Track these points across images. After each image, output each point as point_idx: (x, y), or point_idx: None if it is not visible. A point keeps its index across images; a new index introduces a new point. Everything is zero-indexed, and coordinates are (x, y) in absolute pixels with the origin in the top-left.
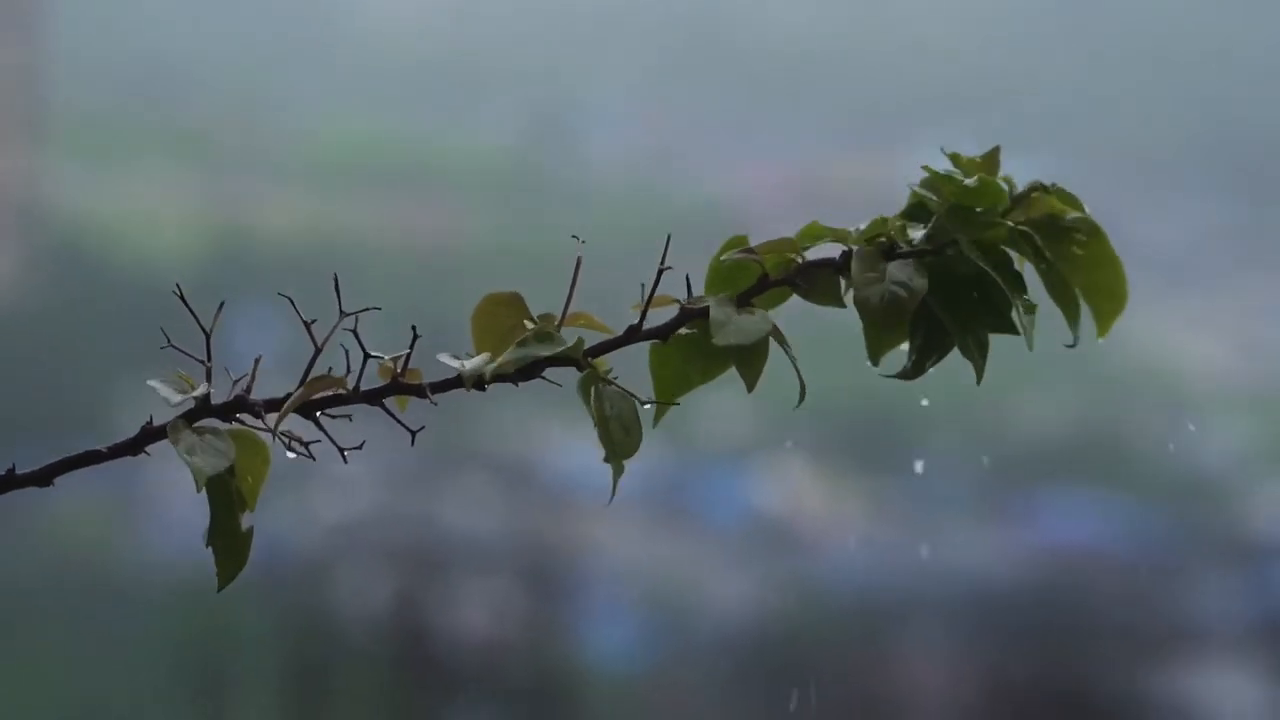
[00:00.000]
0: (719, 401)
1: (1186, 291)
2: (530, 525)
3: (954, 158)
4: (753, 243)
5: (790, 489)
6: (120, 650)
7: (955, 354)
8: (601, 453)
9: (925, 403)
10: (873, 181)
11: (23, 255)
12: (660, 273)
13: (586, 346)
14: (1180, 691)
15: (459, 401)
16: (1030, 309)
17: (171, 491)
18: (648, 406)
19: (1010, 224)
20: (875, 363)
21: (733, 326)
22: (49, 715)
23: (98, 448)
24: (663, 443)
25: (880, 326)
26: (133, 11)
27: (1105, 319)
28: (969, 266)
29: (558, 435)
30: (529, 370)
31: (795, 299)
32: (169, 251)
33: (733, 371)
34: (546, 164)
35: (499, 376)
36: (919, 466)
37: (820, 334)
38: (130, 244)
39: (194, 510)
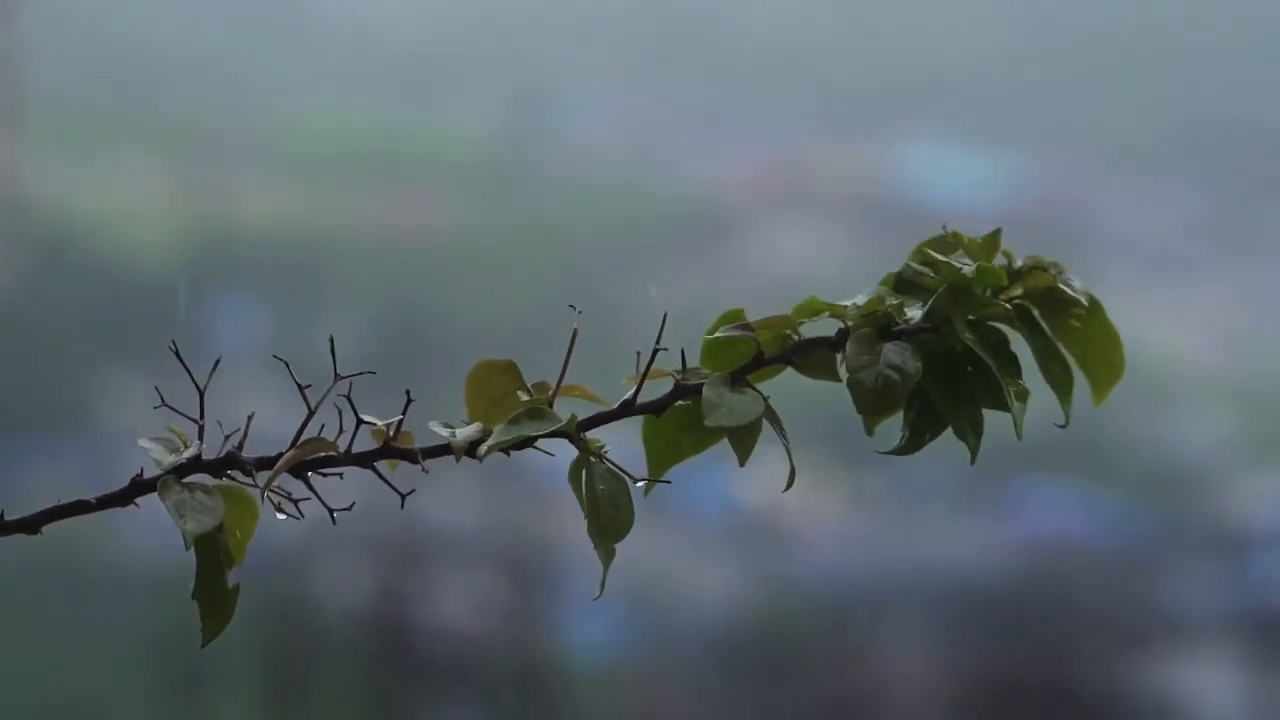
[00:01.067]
0: None
1: (1166, 282)
2: (511, 518)
3: (955, 236)
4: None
5: (771, 484)
6: (100, 644)
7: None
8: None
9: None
10: (855, 173)
11: (0, 245)
12: (655, 352)
13: (580, 419)
14: (1161, 683)
15: (440, 394)
16: (1022, 396)
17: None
18: (639, 485)
19: (1007, 305)
20: (870, 433)
21: (725, 408)
22: (28, 709)
23: (86, 499)
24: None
25: (874, 413)
26: (113, 1)
27: (1102, 387)
28: (966, 345)
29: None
30: (522, 440)
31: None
32: (149, 242)
33: None
34: (527, 155)
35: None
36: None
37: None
38: (110, 235)
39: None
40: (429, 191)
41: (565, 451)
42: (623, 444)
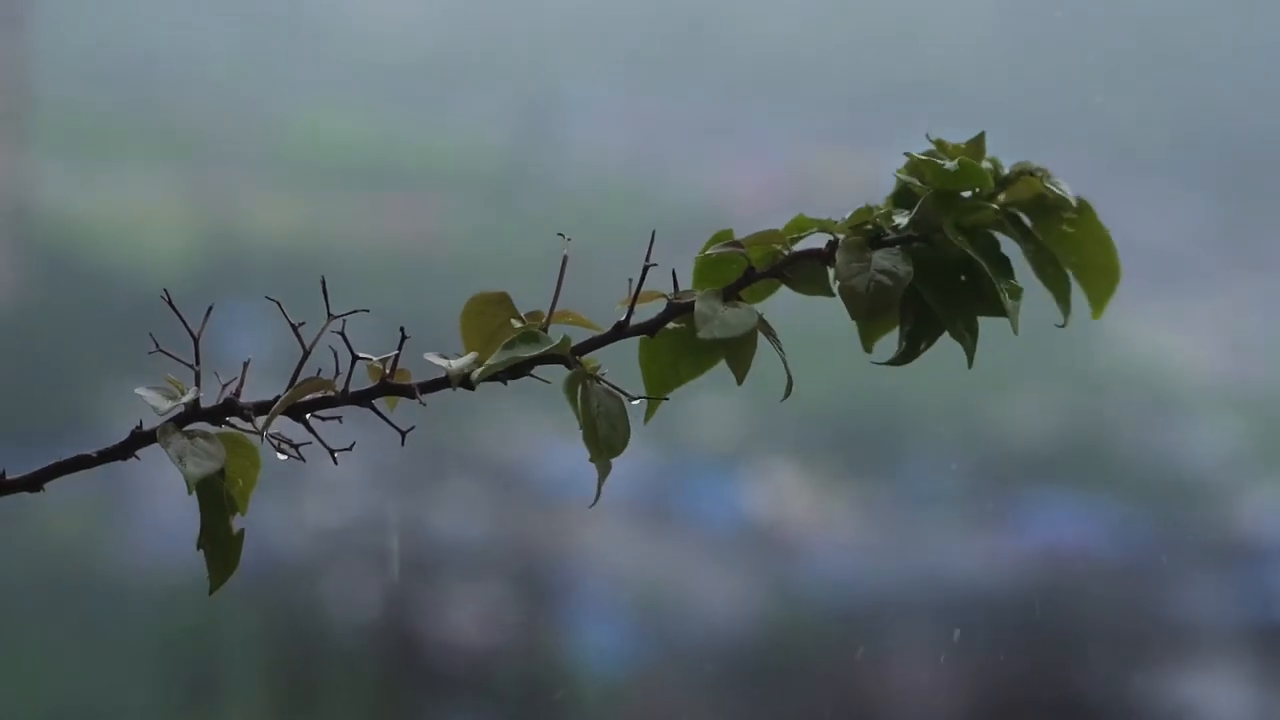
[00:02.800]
0: (707, 405)
1: (1172, 291)
2: (519, 529)
3: (938, 144)
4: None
5: (779, 493)
6: (107, 651)
7: (947, 344)
8: (587, 454)
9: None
10: (859, 179)
11: (6, 255)
12: (646, 269)
13: (574, 344)
14: (1170, 694)
15: (448, 403)
16: (1015, 294)
17: (160, 492)
18: (636, 403)
19: (995, 207)
20: (868, 349)
21: (718, 320)
22: (35, 716)
23: (87, 452)
24: (651, 446)
25: (866, 316)
26: (119, 9)
27: (1100, 297)
28: (956, 251)
29: (547, 438)
30: (517, 370)
31: (783, 295)
32: (155, 251)
33: (724, 372)
34: (532, 162)
35: (487, 376)
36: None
37: (808, 337)
38: (116, 243)
39: (183, 511)
40: (437, 200)
41: (573, 450)
42: (624, 379)
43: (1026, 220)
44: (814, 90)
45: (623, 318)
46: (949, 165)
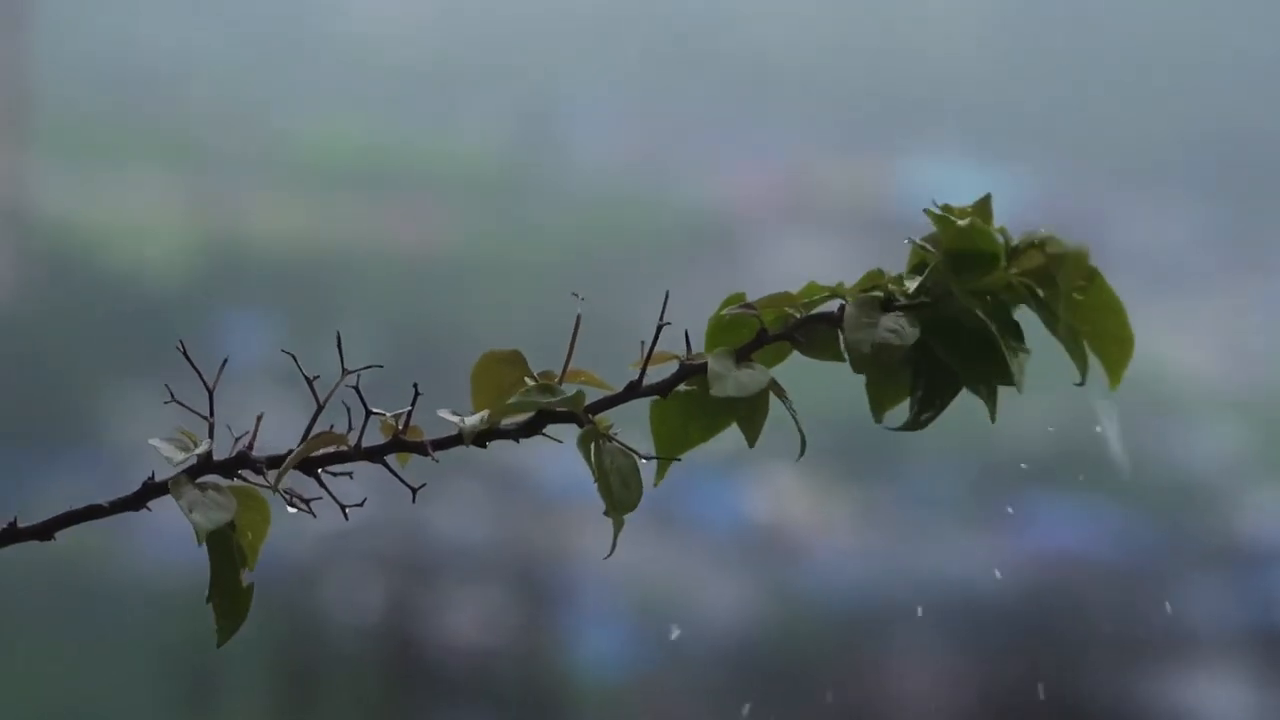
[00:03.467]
0: None
1: (1173, 295)
2: (520, 533)
3: (945, 208)
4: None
5: (780, 497)
6: (111, 655)
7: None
8: (603, 506)
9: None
10: (860, 185)
11: (9, 257)
12: (659, 330)
13: (587, 402)
14: (1170, 696)
15: (449, 405)
16: (1019, 353)
17: (164, 496)
18: (646, 461)
19: (1006, 274)
20: (878, 419)
21: (731, 380)
22: (38, 716)
23: (100, 503)
24: (651, 450)
25: (870, 371)
26: (121, 14)
27: (1115, 367)
28: (972, 318)
29: (547, 444)
30: (530, 426)
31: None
32: (157, 255)
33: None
34: (534, 168)
35: (499, 433)
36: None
37: None
38: (118, 247)
39: (184, 514)
40: (438, 205)
41: (573, 455)
42: (633, 431)
43: (1039, 290)
44: (816, 97)
45: (635, 377)
46: (961, 222)
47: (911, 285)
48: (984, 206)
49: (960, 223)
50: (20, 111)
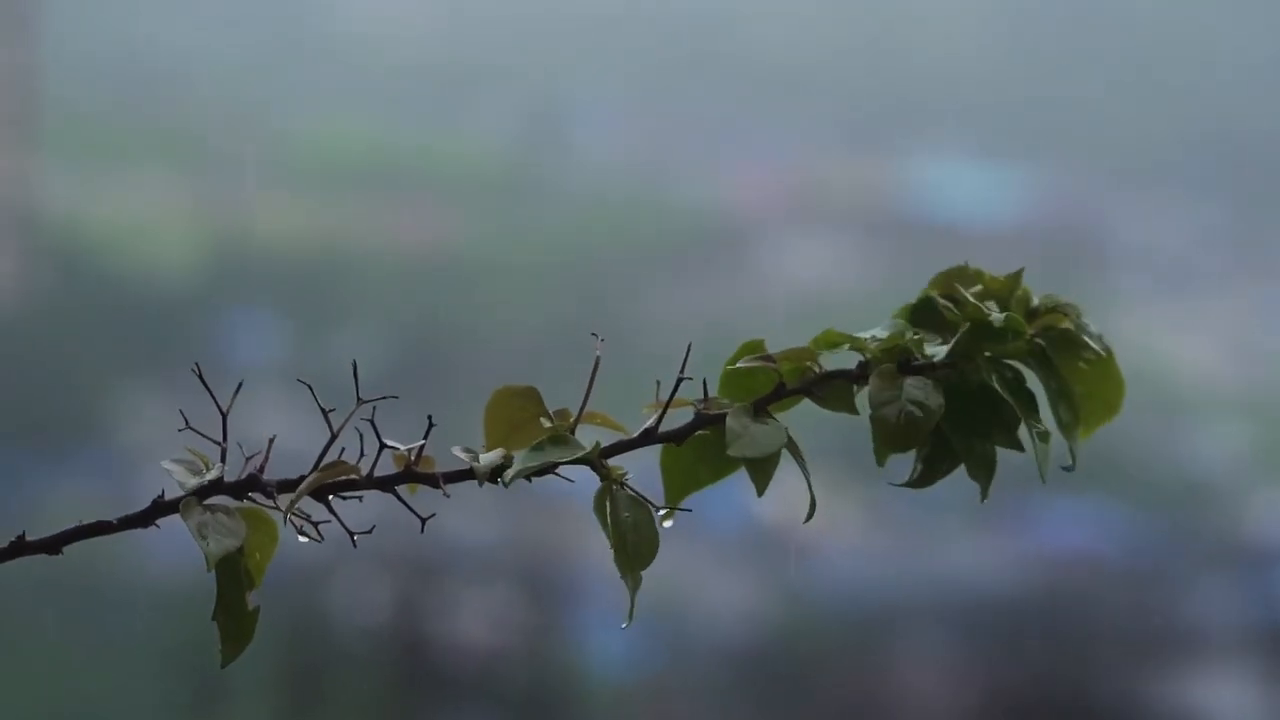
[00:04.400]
0: None
1: (1179, 295)
2: (528, 533)
3: (978, 274)
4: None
5: (787, 496)
6: (116, 656)
7: None
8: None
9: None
10: (863, 187)
11: (15, 259)
12: (679, 381)
13: (602, 447)
14: (1177, 697)
15: (453, 405)
16: (1045, 438)
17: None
18: (661, 513)
19: (1029, 344)
20: (881, 464)
21: (748, 439)
22: (42, 718)
23: (108, 519)
24: (658, 449)
25: (897, 447)
26: (127, 14)
27: (1092, 424)
28: (979, 380)
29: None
30: (543, 469)
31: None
32: (164, 256)
33: None
34: (539, 168)
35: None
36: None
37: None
38: (124, 248)
39: None
40: (445, 206)
41: (584, 476)
42: (640, 470)
43: (1049, 350)
44: (819, 98)
45: (650, 423)
46: (995, 318)
47: (933, 350)
48: (1015, 281)
49: (994, 319)
50: (25, 112)
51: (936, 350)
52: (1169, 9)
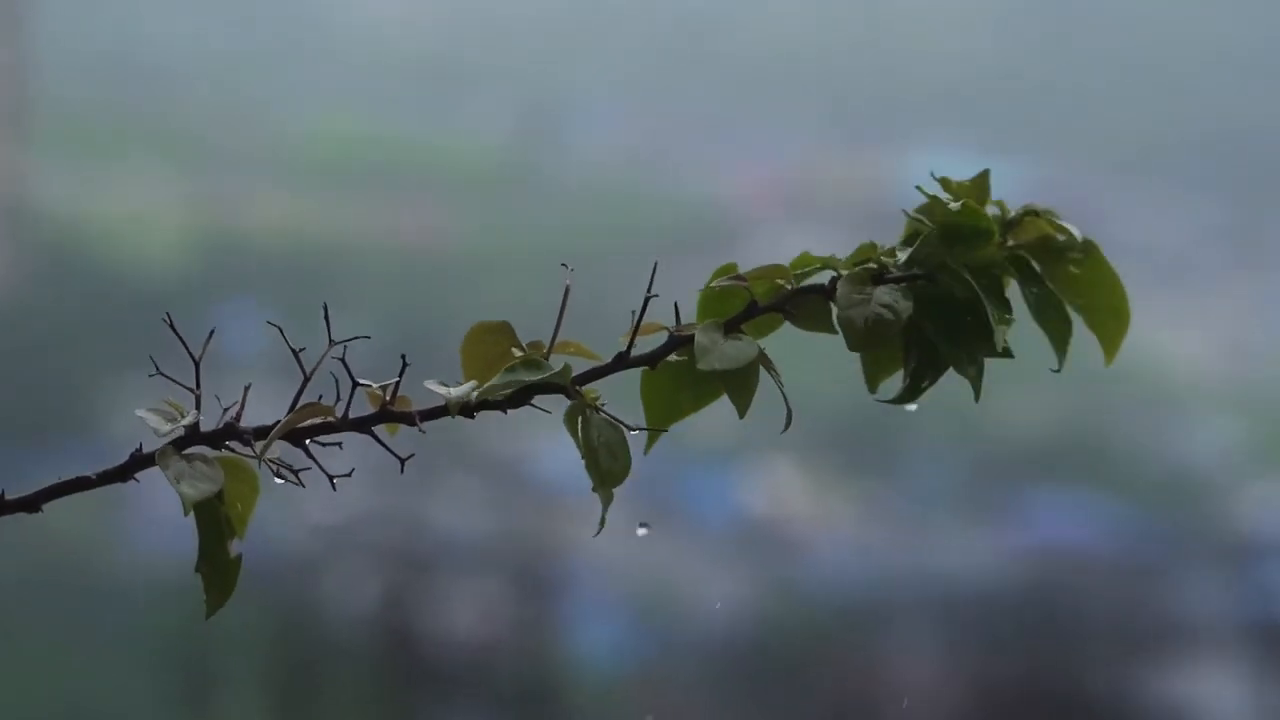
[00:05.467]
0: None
1: (1174, 290)
2: (517, 525)
3: (943, 182)
4: (743, 261)
5: (778, 490)
6: (106, 648)
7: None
8: (590, 482)
9: (913, 408)
10: (860, 181)
11: (8, 253)
12: (647, 300)
13: (575, 374)
14: (1168, 690)
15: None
16: (1005, 321)
17: (158, 489)
18: (635, 433)
19: (999, 247)
20: (873, 390)
21: (717, 352)
22: (34, 713)
23: (87, 474)
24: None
25: (863, 348)
26: (121, 10)
27: (1112, 342)
28: (963, 291)
29: (545, 436)
30: (516, 399)
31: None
32: (155, 250)
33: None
34: (533, 163)
35: (486, 404)
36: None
37: (805, 336)
38: (116, 242)
39: (180, 506)
40: (438, 199)
41: (571, 448)
42: (623, 406)
43: (1034, 263)
44: (815, 92)
45: (624, 349)
46: (953, 206)
47: (904, 257)
48: (981, 183)
49: (952, 205)
50: (19, 107)
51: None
52: (1166, 3)
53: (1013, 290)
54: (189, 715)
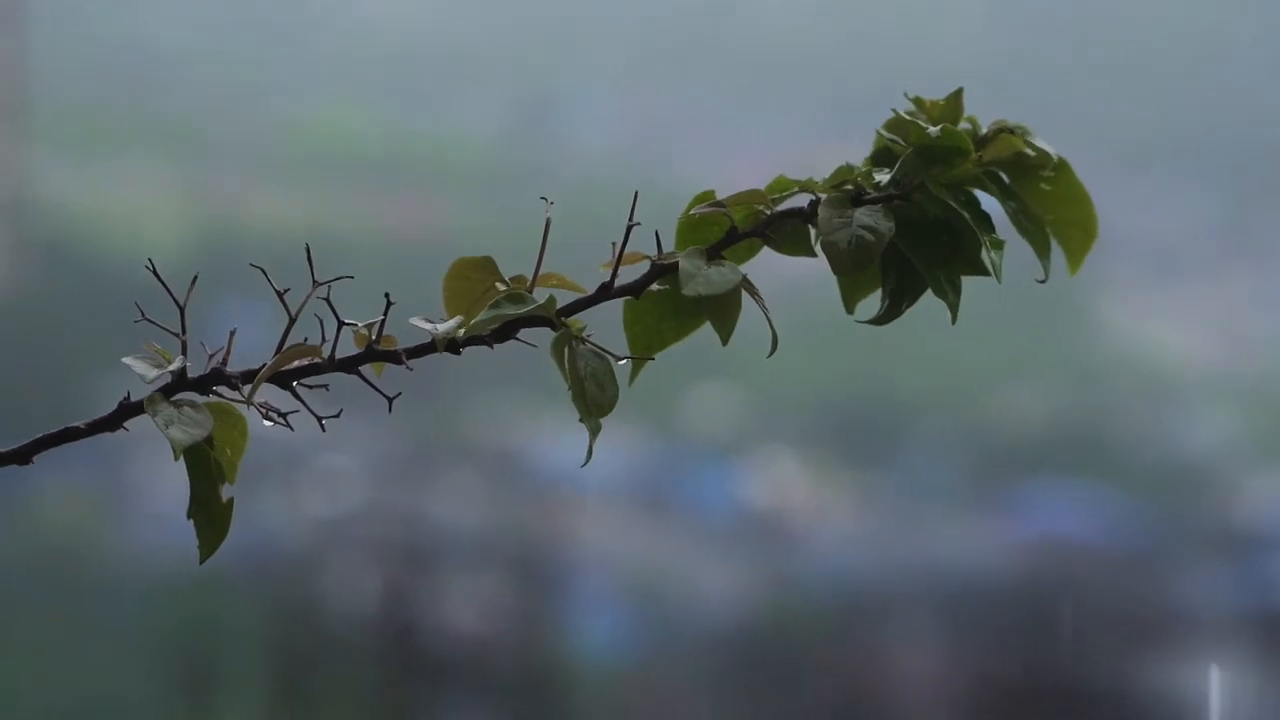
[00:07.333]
0: (705, 393)
1: (1172, 282)
2: (517, 518)
3: (917, 101)
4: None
5: (777, 482)
6: (104, 642)
7: (946, 333)
8: (576, 415)
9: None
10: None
11: (4, 246)
12: (629, 229)
13: (559, 306)
14: (1167, 682)
15: (444, 393)
16: (998, 245)
17: (155, 481)
18: (623, 364)
19: (975, 164)
20: (850, 310)
21: (701, 278)
22: (31, 706)
23: (76, 424)
24: (649, 435)
25: (847, 271)
26: (118, 4)
27: (1076, 254)
28: (938, 209)
29: (545, 428)
30: (503, 332)
31: (779, 283)
32: (153, 244)
33: (722, 363)
34: (531, 156)
35: (473, 339)
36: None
37: (807, 326)
38: (114, 236)
39: (178, 503)
40: (435, 194)
41: (572, 440)
42: (610, 341)
43: (1006, 178)
44: (813, 85)
45: (607, 279)
46: (931, 130)
47: (880, 177)
48: (956, 100)
49: (930, 131)
50: (14, 100)
51: (884, 178)
52: None
53: (990, 207)
54: (188, 709)
